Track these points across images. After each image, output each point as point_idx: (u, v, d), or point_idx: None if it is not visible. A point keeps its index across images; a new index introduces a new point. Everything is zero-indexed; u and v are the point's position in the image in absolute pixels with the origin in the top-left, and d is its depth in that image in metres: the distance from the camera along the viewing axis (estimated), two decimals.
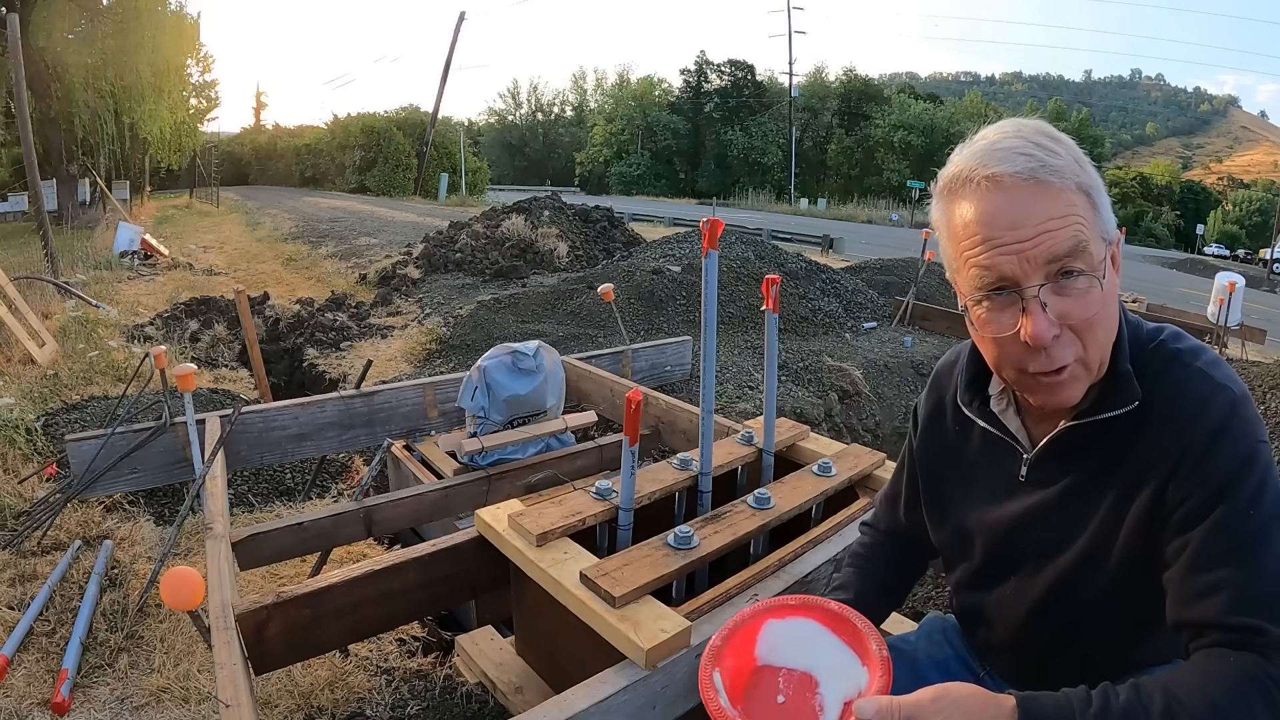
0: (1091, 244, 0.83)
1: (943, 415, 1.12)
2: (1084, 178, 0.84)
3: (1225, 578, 0.79)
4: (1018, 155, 0.83)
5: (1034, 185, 0.82)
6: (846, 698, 0.86)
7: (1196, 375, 0.87)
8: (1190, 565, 0.82)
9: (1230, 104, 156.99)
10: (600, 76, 65.43)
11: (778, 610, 0.94)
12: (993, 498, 1.04)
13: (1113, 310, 0.88)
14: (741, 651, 0.93)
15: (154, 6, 17.69)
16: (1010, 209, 0.82)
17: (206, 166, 26.86)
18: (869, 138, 46.54)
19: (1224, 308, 6.88)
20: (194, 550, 2.64)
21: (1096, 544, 0.92)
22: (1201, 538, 0.82)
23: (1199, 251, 44.37)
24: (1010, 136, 0.86)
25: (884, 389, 5.37)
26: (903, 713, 0.76)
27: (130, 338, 5.60)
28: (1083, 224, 0.83)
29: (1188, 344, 0.91)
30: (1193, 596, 0.82)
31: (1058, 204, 0.82)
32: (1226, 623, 0.78)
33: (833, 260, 11.28)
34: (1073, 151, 0.86)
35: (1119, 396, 0.88)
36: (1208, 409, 0.84)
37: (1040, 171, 0.82)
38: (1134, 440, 0.88)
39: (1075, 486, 0.95)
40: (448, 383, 3.01)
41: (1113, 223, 0.88)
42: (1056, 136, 0.87)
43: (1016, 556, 1.02)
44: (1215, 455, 0.82)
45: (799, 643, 0.93)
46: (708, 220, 1.56)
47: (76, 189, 17.88)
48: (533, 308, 6.31)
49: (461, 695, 1.93)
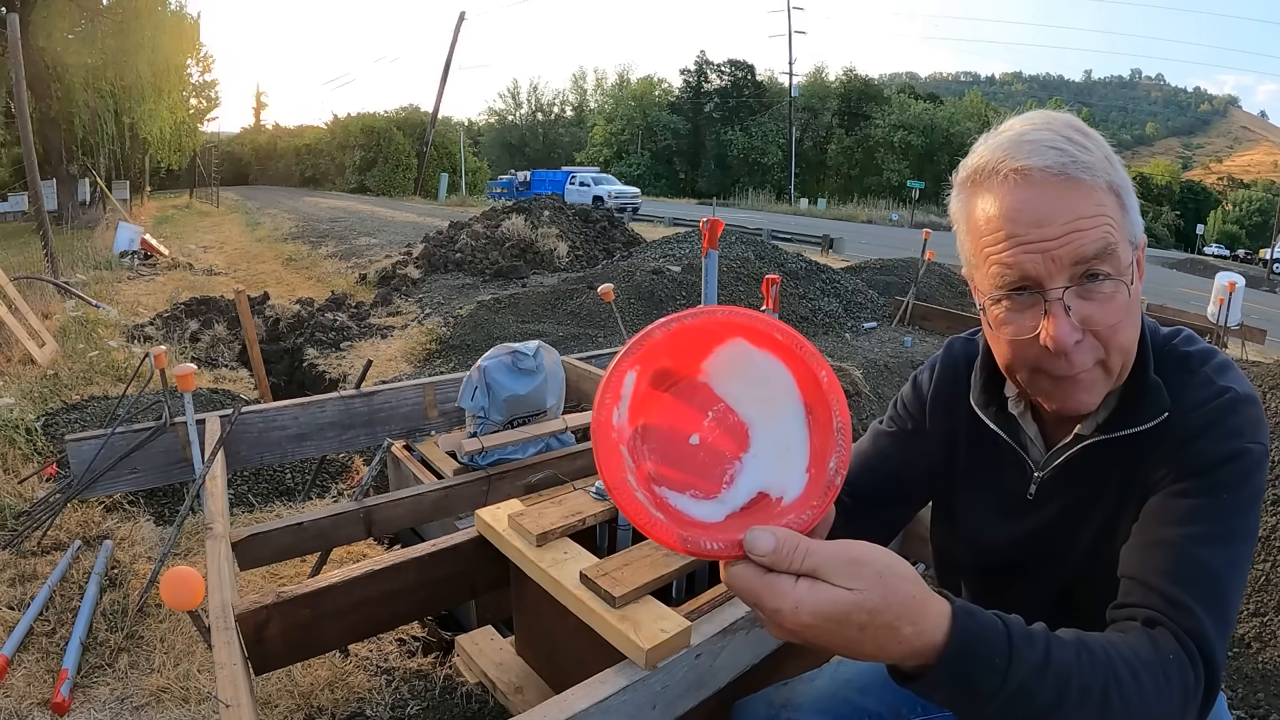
0: (1120, 247, 0.79)
1: (953, 414, 1.05)
2: (1115, 176, 0.80)
3: (1173, 540, 0.77)
4: (1048, 149, 0.78)
5: (1064, 181, 0.77)
6: (765, 489, 0.69)
7: (1203, 379, 0.84)
8: (1149, 522, 0.81)
9: (1230, 104, 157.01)
10: (600, 76, 65.63)
11: (758, 335, 0.69)
12: (999, 510, 1.00)
13: (1137, 316, 0.85)
14: (687, 355, 0.71)
15: (154, 6, 17.71)
16: (1037, 205, 0.78)
17: (206, 166, 26.89)
18: (869, 138, 46.57)
19: (1224, 308, 6.88)
20: (194, 550, 2.64)
21: (1103, 551, 0.90)
22: (1162, 503, 0.80)
23: (1199, 251, 44.41)
24: (1040, 128, 0.81)
25: (884, 389, 5.37)
26: (807, 562, 0.59)
27: (130, 338, 5.60)
28: (1112, 225, 0.78)
29: (1197, 347, 0.88)
30: (1138, 548, 0.80)
31: (1088, 203, 0.77)
32: (1155, 584, 0.76)
33: (833, 260, 11.28)
34: (1103, 148, 0.81)
35: (1147, 410, 0.84)
36: (1206, 405, 0.82)
37: (1071, 167, 0.77)
38: (1144, 453, 0.85)
39: (1086, 499, 0.91)
40: (448, 383, 3.01)
41: (1140, 225, 0.84)
42: (1087, 131, 0.82)
43: (1018, 568, 0.99)
44: (1203, 440, 0.80)
45: (757, 386, 0.70)
46: (708, 220, 1.56)
47: (76, 189, 17.90)
48: (533, 308, 6.31)
49: (461, 695, 1.93)
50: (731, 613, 1.33)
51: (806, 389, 0.69)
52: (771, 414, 0.70)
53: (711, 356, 0.71)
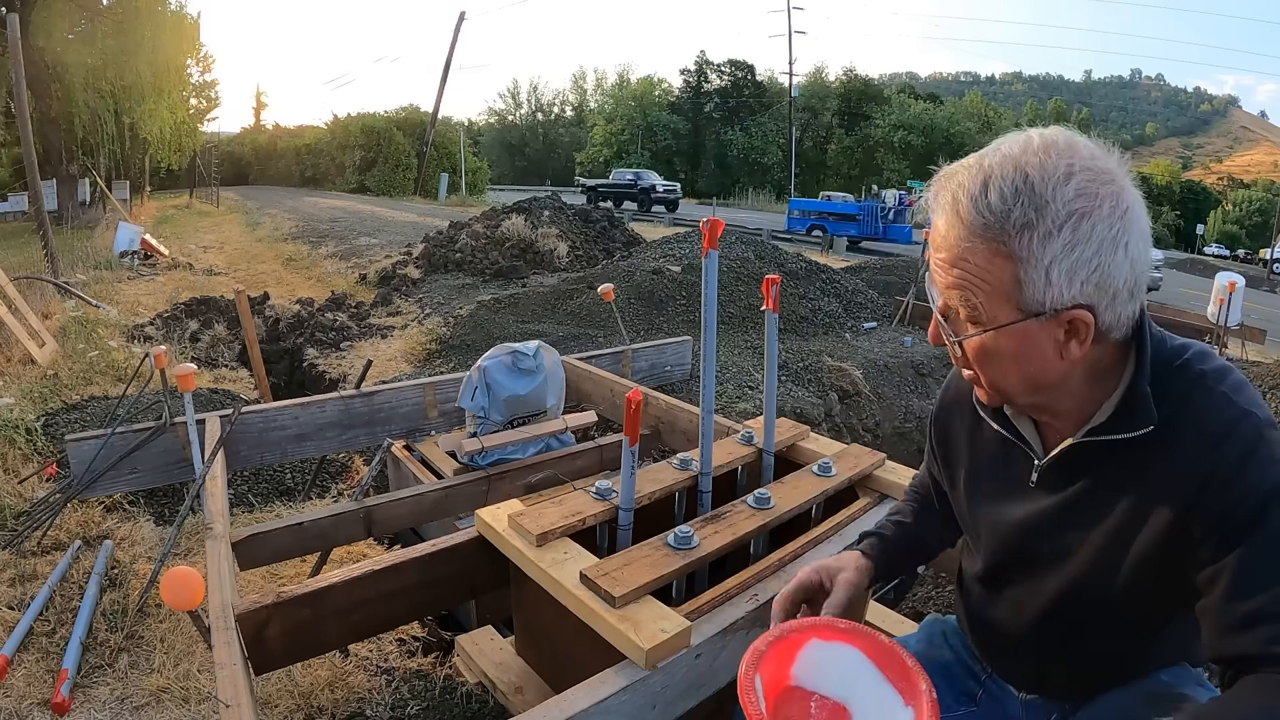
0: (987, 305, 0.87)
1: (961, 409, 1.12)
2: (1019, 245, 0.85)
3: (1264, 608, 0.76)
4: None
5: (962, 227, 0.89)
6: None
7: (1221, 399, 0.84)
8: (1226, 595, 0.79)
9: (1230, 104, 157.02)
10: (600, 76, 65.33)
11: (824, 631, 0.89)
12: (1003, 498, 1.04)
13: (1006, 363, 0.90)
14: (779, 664, 0.88)
15: (154, 6, 17.69)
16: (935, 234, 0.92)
17: (206, 166, 26.87)
18: (869, 138, 46.51)
19: (1224, 308, 6.87)
20: (194, 550, 2.64)
21: (1106, 556, 0.91)
22: (1235, 566, 0.79)
23: (1199, 251, 44.42)
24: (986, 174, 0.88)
25: (884, 389, 5.37)
26: None
27: (130, 338, 5.60)
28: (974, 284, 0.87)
29: (1214, 365, 0.88)
30: (1232, 628, 0.79)
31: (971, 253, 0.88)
32: (1271, 653, 0.75)
33: (833, 260, 11.28)
34: (1030, 211, 0.84)
35: (1135, 419, 0.86)
36: (1234, 433, 0.81)
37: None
38: (1153, 458, 0.86)
39: (1085, 496, 0.93)
40: (448, 383, 3.01)
41: (1062, 294, 0.85)
42: (1024, 189, 0.84)
43: (1024, 560, 1.02)
44: (1244, 480, 0.79)
45: (838, 670, 0.87)
46: (708, 220, 1.56)
47: (76, 189, 17.89)
48: (533, 308, 6.31)
49: (461, 695, 1.93)
50: (731, 613, 1.33)
51: (873, 654, 0.86)
52: (855, 685, 0.85)
53: (795, 661, 0.88)
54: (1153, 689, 0.98)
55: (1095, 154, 0.82)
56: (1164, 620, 0.95)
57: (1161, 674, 1.00)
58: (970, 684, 1.19)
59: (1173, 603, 0.89)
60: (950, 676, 1.20)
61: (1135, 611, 0.94)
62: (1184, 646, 1.00)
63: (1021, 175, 0.80)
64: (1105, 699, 1.00)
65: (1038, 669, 1.08)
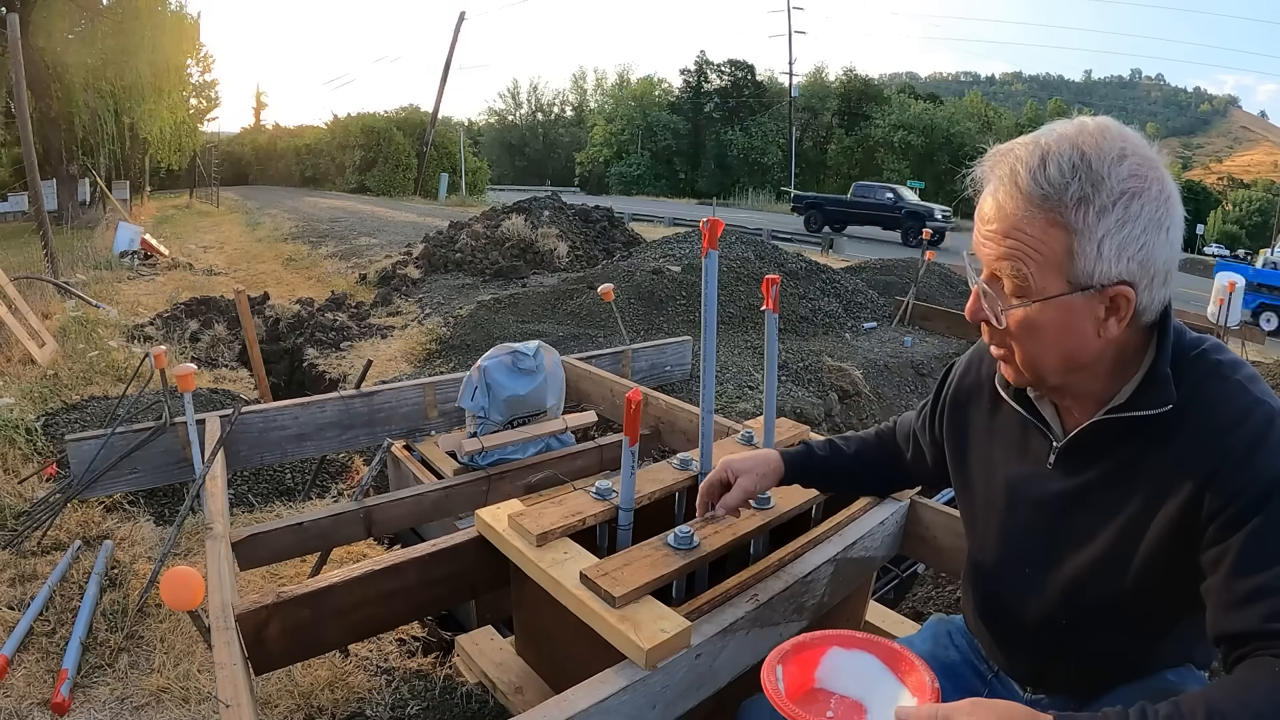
0: (1036, 275, 0.88)
1: (980, 392, 1.13)
2: (1076, 216, 0.88)
3: (1266, 585, 0.78)
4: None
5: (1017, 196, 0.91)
6: None
7: (1235, 387, 0.87)
8: (1229, 573, 0.81)
9: (1230, 104, 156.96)
10: (600, 76, 65.19)
11: (845, 641, 0.98)
12: (1019, 480, 1.05)
13: (1045, 339, 0.92)
14: (803, 669, 0.98)
15: (154, 6, 17.69)
16: (984, 205, 0.95)
17: (206, 166, 26.86)
18: (869, 138, 46.46)
19: (1224, 307, 6.87)
20: (194, 550, 2.64)
21: (1118, 543, 0.92)
22: (1240, 546, 0.81)
23: (1199, 251, 44.38)
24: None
25: (884, 389, 5.37)
26: (940, 713, 0.77)
27: (130, 338, 5.60)
28: (1028, 253, 0.89)
29: (1228, 356, 0.92)
30: (1232, 604, 0.80)
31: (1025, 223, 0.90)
32: (1268, 629, 0.77)
33: (833, 260, 11.27)
34: (1086, 185, 0.89)
35: (1154, 397, 0.89)
36: (1246, 420, 0.84)
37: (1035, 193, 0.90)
38: (1167, 443, 0.89)
39: (1101, 482, 0.95)
40: (448, 383, 3.01)
41: (1109, 271, 0.89)
42: (1079, 163, 0.88)
43: (1038, 544, 1.02)
44: (1253, 465, 0.82)
45: (856, 674, 0.96)
46: (708, 220, 1.56)
47: (76, 189, 17.88)
48: (533, 308, 6.31)
49: (461, 695, 1.93)
50: (731, 613, 1.33)
51: (887, 660, 0.94)
52: (872, 686, 0.94)
53: (818, 666, 0.98)
54: (1158, 688, 0.98)
55: (1141, 142, 0.87)
56: (1171, 619, 0.95)
57: (1168, 673, 1.00)
58: (975, 683, 1.19)
59: (1180, 597, 0.90)
60: (956, 676, 1.20)
61: (1143, 606, 0.94)
62: (1190, 648, 1.00)
63: (1079, 153, 0.84)
64: (1110, 698, 1.00)
65: (1043, 666, 1.08)
